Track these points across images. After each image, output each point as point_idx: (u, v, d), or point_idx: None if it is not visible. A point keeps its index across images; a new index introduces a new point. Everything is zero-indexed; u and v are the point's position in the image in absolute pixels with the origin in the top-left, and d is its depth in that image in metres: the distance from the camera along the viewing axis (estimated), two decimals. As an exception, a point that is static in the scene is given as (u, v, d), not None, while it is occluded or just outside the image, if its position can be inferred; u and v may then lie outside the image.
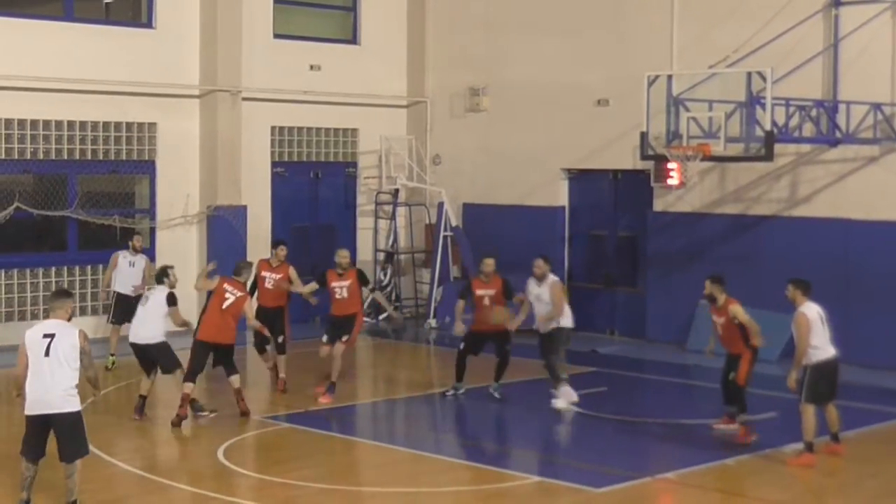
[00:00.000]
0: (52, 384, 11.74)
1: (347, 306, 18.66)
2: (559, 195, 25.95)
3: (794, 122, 20.09)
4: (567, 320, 17.86)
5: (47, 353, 11.76)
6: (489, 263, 18.82)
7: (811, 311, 14.70)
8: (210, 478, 14.30)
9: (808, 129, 20.51)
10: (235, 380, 17.15)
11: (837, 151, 21.40)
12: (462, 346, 18.62)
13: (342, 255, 19.17)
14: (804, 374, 14.67)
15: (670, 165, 20.37)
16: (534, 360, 19.41)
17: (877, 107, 20.71)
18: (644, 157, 20.62)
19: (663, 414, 17.59)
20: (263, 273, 19.35)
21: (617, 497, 13.53)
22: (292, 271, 19.45)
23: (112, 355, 20.63)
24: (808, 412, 14.51)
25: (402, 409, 19.32)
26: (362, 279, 19.06)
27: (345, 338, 18.43)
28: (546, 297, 17.64)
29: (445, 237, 26.43)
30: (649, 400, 19.97)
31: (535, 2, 26.09)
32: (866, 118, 20.73)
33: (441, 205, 26.59)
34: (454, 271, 26.54)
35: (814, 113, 20.47)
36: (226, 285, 17.37)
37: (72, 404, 11.87)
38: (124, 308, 20.34)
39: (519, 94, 26.33)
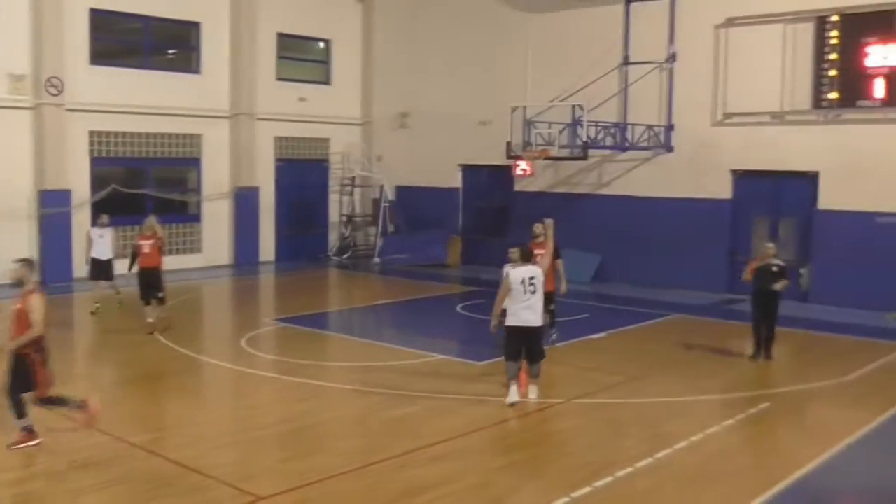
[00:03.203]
0: None
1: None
2: (456, 180, 26.14)
3: (600, 135, 20.46)
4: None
5: None
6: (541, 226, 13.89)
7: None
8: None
9: (608, 140, 20.86)
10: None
11: (626, 155, 21.92)
12: None
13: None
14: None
15: (519, 163, 20.28)
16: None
17: (650, 127, 21.33)
18: (508, 157, 20.77)
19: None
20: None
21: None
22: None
23: (97, 304, 17.64)
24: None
25: (358, 314, 18.84)
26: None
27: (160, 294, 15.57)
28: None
29: (384, 206, 26.53)
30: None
31: (439, 58, 26.08)
32: (644, 134, 21.27)
33: (382, 186, 26.71)
34: (390, 228, 26.52)
35: (612, 130, 20.86)
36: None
37: None
38: (98, 269, 17.73)
39: (431, 116, 26.41)
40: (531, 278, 10.99)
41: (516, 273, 11.02)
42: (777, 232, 20.40)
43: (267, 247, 26.09)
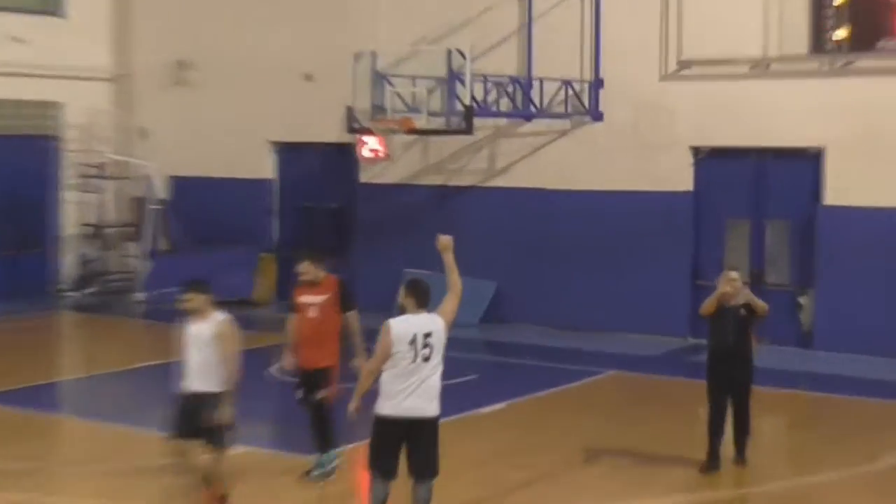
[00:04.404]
0: None
1: None
2: (266, 168, 26.17)
3: (491, 97, 20.68)
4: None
5: None
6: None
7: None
8: None
9: (504, 105, 21.10)
10: None
11: (532, 125, 22.17)
12: None
13: None
14: None
15: (366, 138, 20.58)
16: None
17: (567, 83, 21.53)
18: (350, 130, 20.85)
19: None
20: None
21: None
22: None
23: None
24: None
25: (107, 385, 18.59)
26: None
27: None
28: None
29: (152, 210, 26.40)
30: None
31: (240, -22, 26.17)
32: (558, 94, 21.50)
33: (148, 178, 26.52)
34: (163, 244, 26.52)
35: (510, 89, 21.08)
36: None
37: None
38: None
39: (227, 67, 26.19)
40: (427, 335, 9.83)
41: (404, 328, 9.84)
42: (762, 241, 20.91)
43: (-44, 278, 25.44)
